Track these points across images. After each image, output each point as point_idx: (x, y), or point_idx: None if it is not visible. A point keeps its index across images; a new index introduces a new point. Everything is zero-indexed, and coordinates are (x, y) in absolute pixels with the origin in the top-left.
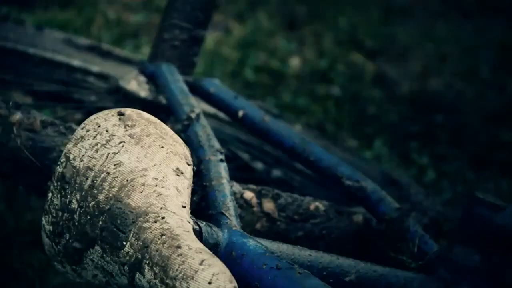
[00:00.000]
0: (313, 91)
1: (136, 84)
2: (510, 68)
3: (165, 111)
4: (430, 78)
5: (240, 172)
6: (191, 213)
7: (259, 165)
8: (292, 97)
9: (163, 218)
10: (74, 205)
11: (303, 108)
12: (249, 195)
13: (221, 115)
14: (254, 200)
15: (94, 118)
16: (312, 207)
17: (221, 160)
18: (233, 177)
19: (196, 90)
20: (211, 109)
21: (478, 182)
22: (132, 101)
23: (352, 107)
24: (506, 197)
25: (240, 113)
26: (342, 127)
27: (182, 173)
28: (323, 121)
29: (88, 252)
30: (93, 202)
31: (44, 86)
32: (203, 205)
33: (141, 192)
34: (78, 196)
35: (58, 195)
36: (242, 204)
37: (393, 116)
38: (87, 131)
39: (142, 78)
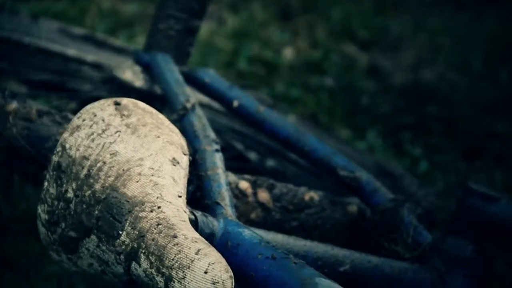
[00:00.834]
0: (306, 81)
1: (131, 74)
2: (503, 59)
3: (160, 101)
4: (423, 69)
5: (234, 162)
6: (187, 202)
7: (253, 155)
8: (285, 88)
9: (159, 207)
10: (70, 194)
11: (296, 99)
12: (244, 185)
13: (215, 105)
14: (249, 190)
15: (90, 108)
16: (306, 197)
17: (217, 150)
18: (228, 167)
19: (191, 80)
20: (205, 99)
21: (471, 173)
22: (127, 90)
23: (345, 98)
24: (499, 188)
25: (235, 103)
26: (335, 118)
27: (178, 163)
28: (316, 112)
29: (84, 241)
30: (89, 192)
31: (39, 75)
32: (198, 195)
33: (137, 181)
34: (74, 185)
35: (54, 184)
36: (237, 194)
37: (386, 107)
38: (83, 120)
39: (137, 68)
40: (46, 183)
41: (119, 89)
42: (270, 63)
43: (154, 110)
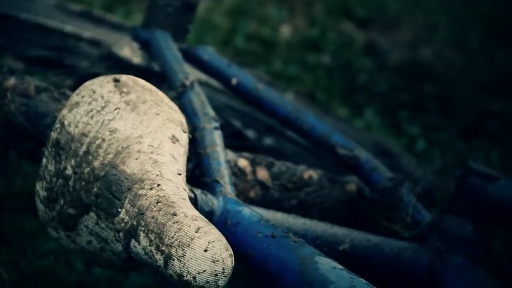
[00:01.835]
0: (303, 59)
1: (129, 51)
2: (499, 38)
3: (158, 78)
4: (420, 47)
5: (233, 140)
6: (186, 180)
7: (251, 133)
8: (282, 65)
9: (158, 185)
10: (69, 171)
11: (293, 76)
12: (243, 163)
13: (213, 82)
14: (248, 168)
15: (89, 84)
16: (305, 175)
17: (216, 128)
18: (226, 144)
19: (190, 57)
20: (203, 77)
21: (468, 152)
22: (125, 67)
23: (342, 76)
24: (496, 167)
25: (234, 81)
26: (333, 96)
27: (177, 140)
28: (314, 90)
29: (83, 218)
30: (88, 169)
31: (36, 51)
32: (197, 173)
33: (137, 159)
34: (73, 162)
35: (53, 161)
36: (236, 172)
37: (383, 85)
38: (82, 97)
39: (135, 45)
40: (44, 160)
41: (117, 65)
42: (268, 40)
43: (153, 87)
